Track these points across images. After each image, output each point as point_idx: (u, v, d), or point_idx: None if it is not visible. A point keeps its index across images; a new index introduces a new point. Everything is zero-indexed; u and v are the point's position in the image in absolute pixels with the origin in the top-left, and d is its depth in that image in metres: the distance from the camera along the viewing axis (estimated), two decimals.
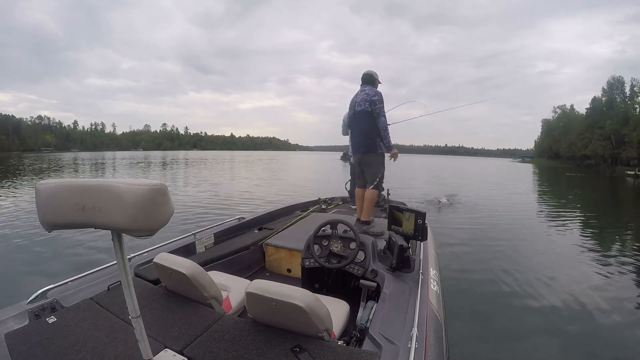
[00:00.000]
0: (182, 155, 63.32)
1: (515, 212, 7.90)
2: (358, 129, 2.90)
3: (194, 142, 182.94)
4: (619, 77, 50.39)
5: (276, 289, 1.16)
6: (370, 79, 2.94)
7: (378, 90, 2.87)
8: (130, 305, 0.79)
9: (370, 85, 2.91)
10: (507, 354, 2.24)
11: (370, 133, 2.80)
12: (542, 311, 2.79)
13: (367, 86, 2.89)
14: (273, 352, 1.09)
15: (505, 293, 3.14)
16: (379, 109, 2.73)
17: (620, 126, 44.83)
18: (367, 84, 2.91)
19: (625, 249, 4.91)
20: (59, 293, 1.48)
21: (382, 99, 2.78)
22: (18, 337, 1.15)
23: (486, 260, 4.01)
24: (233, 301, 1.67)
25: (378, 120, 2.74)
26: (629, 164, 40.99)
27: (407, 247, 1.82)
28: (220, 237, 2.59)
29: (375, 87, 2.92)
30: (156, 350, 1.07)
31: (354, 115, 2.90)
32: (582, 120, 56.20)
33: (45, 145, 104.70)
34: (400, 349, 1.13)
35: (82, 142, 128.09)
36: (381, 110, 2.74)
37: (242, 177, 16.12)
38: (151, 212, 0.67)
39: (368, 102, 2.75)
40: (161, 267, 1.47)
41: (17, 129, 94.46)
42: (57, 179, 0.74)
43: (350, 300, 1.74)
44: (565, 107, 68.93)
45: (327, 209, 3.94)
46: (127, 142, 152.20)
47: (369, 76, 2.94)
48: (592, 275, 3.63)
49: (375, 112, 2.73)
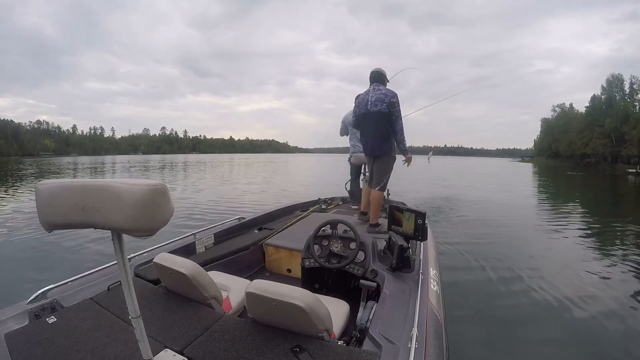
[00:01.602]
0: (182, 158, 63.32)
1: (517, 211, 7.89)
2: (372, 130, 2.77)
3: (193, 146, 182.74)
4: (619, 75, 50.45)
5: (276, 289, 1.16)
6: (381, 77, 2.83)
7: (394, 91, 2.73)
8: (130, 305, 0.79)
9: (381, 83, 2.81)
10: (507, 354, 2.24)
11: (386, 135, 2.72)
12: (543, 311, 2.79)
13: (379, 85, 2.78)
14: (273, 352, 1.09)
15: (506, 293, 3.13)
16: (398, 112, 2.65)
17: (620, 124, 44.83)
18: (378, 83, 2.80)
19: (630, 248, 4.87)
20: (59, 293, 1.49)
21: (399, 101, 2.67)
22: (18, 337, 1.15)
23: (486, 260, 4.00)
24: (233, 301, 1.67)
25: (396, 124, 2.66)
26: (629, 162, 41.03)
27: (407, 247, 1.82)
28: (220, 237, 2.59)
29: (385, 86, 2.82)
30: (156, 350, 1.07)
31: (367, 115, 2.75)
32: (582, 119, 56.26)
33: (44, 150, 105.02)
34: (400, 349, 1.12)
35: (81, 146, 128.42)
36: (400, 114, 2.66)
37: (243, 181, 16.09)
38: (151, 212, 0.67)
39: (386, 103, 2.64)
40: (161, 267, 1.47)
41: (16, 133, 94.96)
42: (57, 179, 0.74)
43: (350, 300, 1.74)
44: (565, 105, 69.03)
45: (327, 209, 3.95)
46: (126, 146, 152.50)
47: (379, 74, 2.83)
48: (594, 275, 3.61)
49: (394, 114, 2.65)
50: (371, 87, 2.82)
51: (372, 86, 2.82)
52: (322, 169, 27.47)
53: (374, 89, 2.77)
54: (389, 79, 2.94)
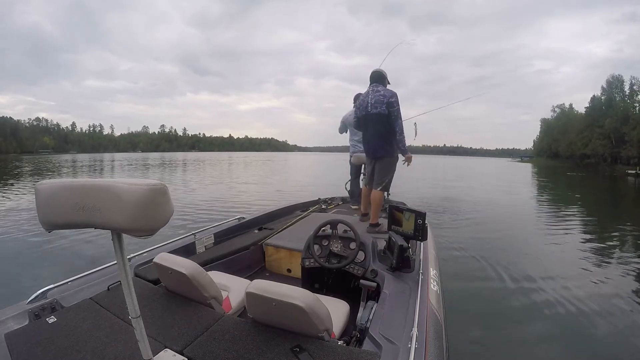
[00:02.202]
0: (181, 156, 63.23)
1: (518, 212, 7.88)
2: (373, 132, 2.81)
3: (192, 144, 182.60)
4: (619, 76, 50.36)
5: (276, 289, 1.16)
6: (381, 78, 2.84)
7: (393, 90, 2.75)
8: (130, 305, 0.79)
9: (381, 84, 2.81)
10: (507, 354, 2.24)
11: (387, 136, 2.74)
12: (543, 311, 2.79)
13: (379, 86, 2.79)
14: (273, 352, 1.09)
15: (506, 293, 3.13)
16: (397, 112, 2.66)
17: (620, 125, 44.82)
18: (378, 83, 2.81)
19: (630, 249, 4.87)
20: (59, 293, 1.48)
21: (399, 101, 2.69)
22: (18, 337, 1.15)
23: (487, 260, 4.01)
24: (233, 301, 1.67)
25: (396, 124, 2.68)
26: (629, 163, 41.03)
27: (407, 247, 1.82)
28: (220, 237, 2.59)
29: (385, 87, 2.82)
30: (156, 350, 1.07)
31: (367, 117, 2.78)
32: (582, 119, 56.22)
33: (43, 147, 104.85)
34: (400, 349, 1.12)
35: (80, 143, 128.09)
36: (399, 113, 2.67)
37: (242, 180, 16.07)
38: (151, 212, 0.67)
39: (385, 104, 2.66)
40: (161, 267, 1.47)
41: (15, 131, 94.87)
42: (56, 179, 0.74)
43: (350, 300, 1.74)
44: (564, 106, 68.92)
45: (327, 209, 3.94)
46: (125, 144, 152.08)
47: (379, 75, 2.84)
48: (594, 275, 3.62)
49: (393, 114, 2.66)
50: (370, 87, 2.83)
51: (371, 86, 2.83)
52: (321, 168, 27.46)
53: (373, 90, 2.78)
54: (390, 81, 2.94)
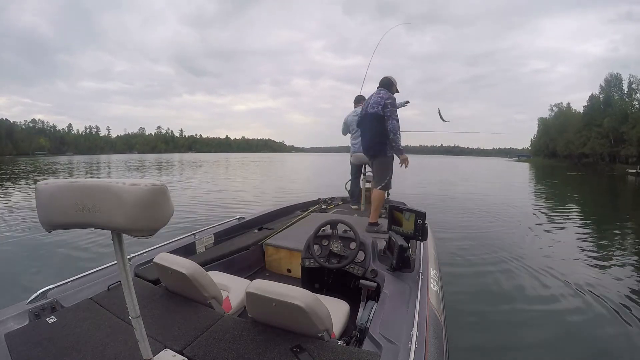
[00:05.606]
0: (178, 157, 63.03)
1: (518, 212, 7.80)
2: (368, 130, 2.97)
3: (189, 145, 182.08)
4: (617, 75, 50.31)
5: (276, 289, 1.16)
6: (387, 83, 3.00)
7: (392, 95, 2.92)
8: (130, 305, 0.79)
9: (386, 89, 2.96)
10: (507, 354, 2.24)
11: (380, 136, 2.84)
12: (543, 311, 2.79)
13: (382, 89, 2.95)
14: (273, 352, 1.09)
15: (506, 293, 3.13)
16: (390, 112, 2.77)
17: (619, 124, 44.84)
18: (382, 88, 2.97)
19: (631, 250, 4.86)
20: (59, 293, 1.48)
21: (395, 103, 2.86)
22: (18, 337, 1.14)
23: (487, 260, 4.01)
24: (233, 301, 1.67)
25: (388, 123, 2.78)
26: (628, 162, 41.14)
27: (407, 247, 1.82)
28: (220, 237, 2.59)
29: (391, 92, 2.96)
30: (156, 350, 1.07)
31: (364, 117, 2.97)
32: (580, 118, 56.18)
33: (39, 149, 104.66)
34: (400, 349, 1.13)
35: (77, 145, 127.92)
36: (392, 114, 2.78)
37: (240, 181, 16.04)
38: (151, 212, 0.67)
39: (381, 105, 2.80)
40: (161, 267, 1.47)
41: (11, 132, 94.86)
42: (57, 179, 0.74)
43: (350, 300, 1.74)
44: (562, 105, 68.78)
45: (327, 209, 3.95)
46: (121, 145, 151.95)
47: (386, 80, 3.01)
48: (594, 275, 3.61)
49: (386, 114, 2.78)
50: (376, 90, 3.00)
51: (376, 90, 3.00)
52: (320, 167, 27.41)
53: (376, 93, 2.95)
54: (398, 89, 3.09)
